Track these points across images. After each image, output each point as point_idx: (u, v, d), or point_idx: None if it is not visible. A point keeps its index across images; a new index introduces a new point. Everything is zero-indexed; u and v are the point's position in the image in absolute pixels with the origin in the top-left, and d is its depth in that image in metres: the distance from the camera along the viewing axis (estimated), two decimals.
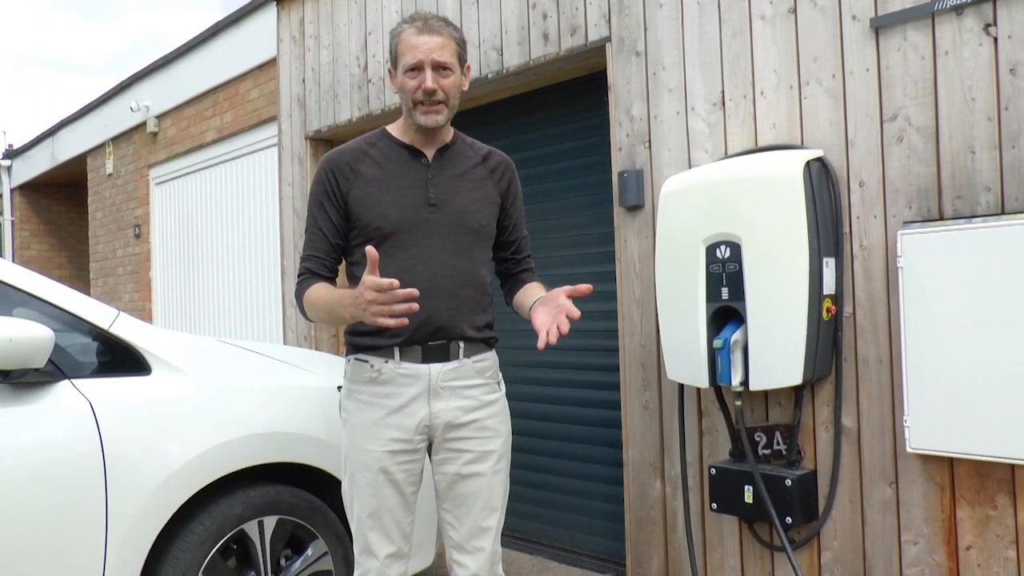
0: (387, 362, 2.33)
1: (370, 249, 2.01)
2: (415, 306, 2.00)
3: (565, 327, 2.12)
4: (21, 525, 2.39)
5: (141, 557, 2.59)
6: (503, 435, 2.44)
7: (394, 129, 2.46)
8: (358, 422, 2.35)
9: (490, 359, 2.45)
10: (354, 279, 2.40)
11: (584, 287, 2.17)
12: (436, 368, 2.33)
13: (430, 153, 2.42)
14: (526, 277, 2.57)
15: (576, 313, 2.12)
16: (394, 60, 2.39)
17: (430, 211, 2.35)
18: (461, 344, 2.35)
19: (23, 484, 2.40)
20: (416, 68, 2.32)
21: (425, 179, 2.38)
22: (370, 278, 1.99)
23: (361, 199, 2.34)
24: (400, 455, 2.32)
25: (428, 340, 2.31)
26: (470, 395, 2.37)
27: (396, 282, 1.98)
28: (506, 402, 2.50)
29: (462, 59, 2.39)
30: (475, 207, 2.41)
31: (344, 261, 2.46)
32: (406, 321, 2.03)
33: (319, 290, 2.31)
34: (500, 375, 2.50)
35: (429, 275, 2.32)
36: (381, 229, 2.32)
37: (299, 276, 2.40)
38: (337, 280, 2.43)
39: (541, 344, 2.10)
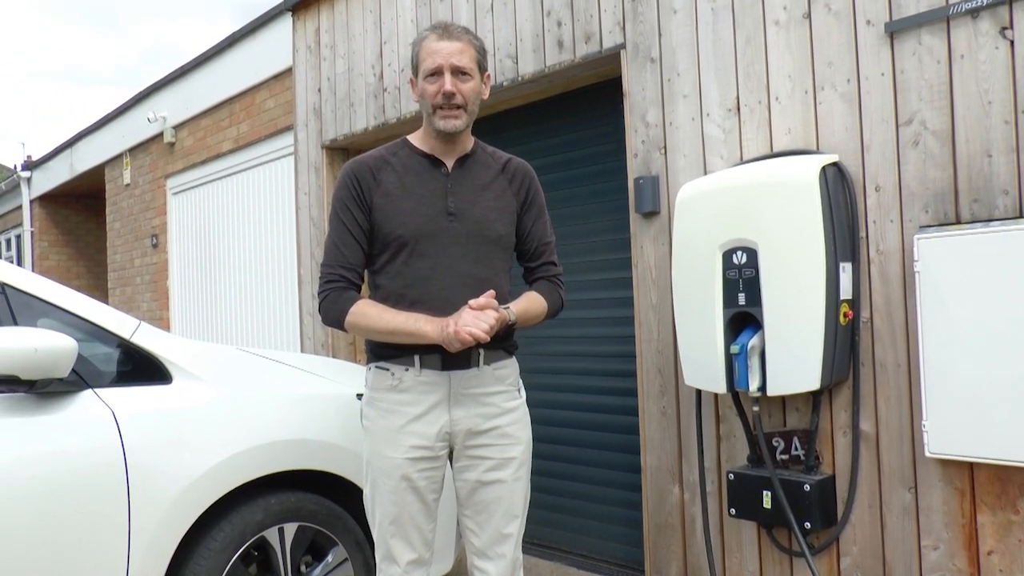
0: (407, 370, 2.34)
1: (491, 292, 2.27)
2: (485, 338, 2.19)
3: (467, 331, 2.18)
4: (46, 533, 2.41)
5: (163, 564, 2.62)
6: (524, 442, 2.45)
7: (415, 139, 2.48)
8: (379, 430, 2.37)
9: (510, 366, 2.46)
10: (376, 288, 2.42)
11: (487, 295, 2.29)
12: (456, 375, 2.35)
13: (450, 162, 2.43)
14: (535, 286, 2.57)
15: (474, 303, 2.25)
16: (415, 67, 2.41)
17: (449, 220, 2.37)
18: (481, 351, 2.37)
19: (47, 492, 2.42)
20: (436, 73, 2.34)
21: (444, 188, 2.40)
22: (486, 300, 2.25)
23: (382, 208, 2.36)
24: (421, 462, 2.34)
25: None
26: (490, 402, 2.39)
27: (494, 302, 2.26)
28: (527, 409, 2.51)
29: (482, 66, 2.41)
30: (493, 216, 2.42)
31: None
32: (487, 338, 2.19)
33: (375, 307, 2.34)
34: (520, 382, 2.51)
35: (448, 283, 2.34)
36: (401, 238, 2.34)
37: (331, 282, 2.38)
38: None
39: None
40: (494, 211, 2.43)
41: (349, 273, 2.38)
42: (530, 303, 2.46)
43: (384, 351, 2.38)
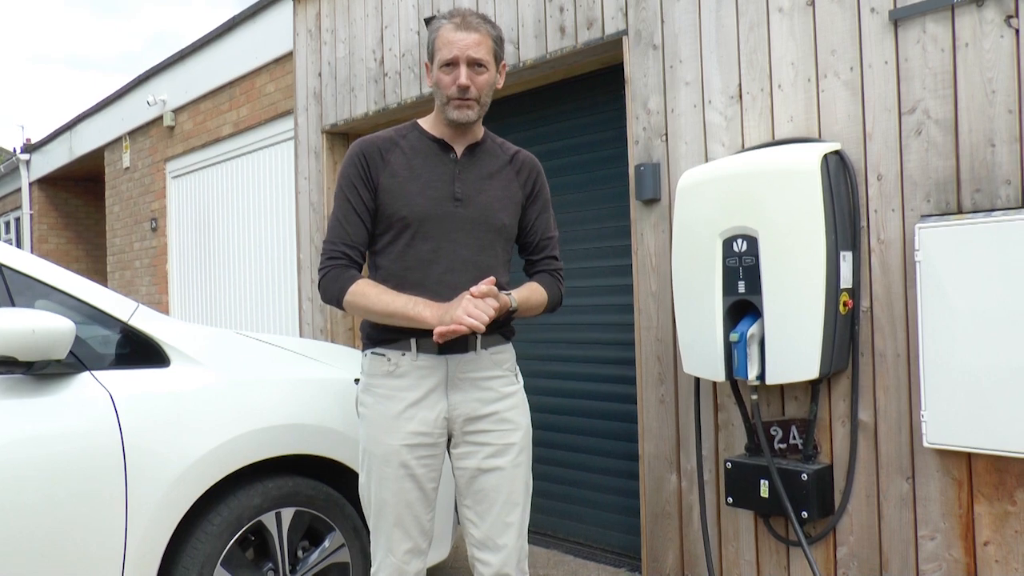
0: (404, 355, 2.33)
1: (491, 279, 2.23)
2: (482, 328, 2.16)
3: (463, 322, 2.17)
4: (42, 515, 2.41)
5: (160, 547, 2.62)
6: (523, 427, 2.44)
7: (425, 123, 2.46)
8: (376, 416, 2.36)
9: (507, 351, 2.45)
10: (377, 269, 2.40)
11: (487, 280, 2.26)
12: (454, 359, 2.34)
13: (459, 149, 2.42)
14: (535, 278, 2.55)
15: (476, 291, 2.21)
16: (431, 55, 2.39)
17: (455, 205, 2.35)
18: (478, 336, 2.36)
19: (44, 474, 2.42)
20: (451, 64, 2.32)
21: (452, 174, 2.38)
22: (487, 287, 2.20)
23: (388, 188, 2.34)
24: (420, 448, 2.32)
25: None
26: (488, 386, 2.38)
27: (496, 290, 2.22)
28: (525, 395, 2.50)
29: (498, 57, 2.39)
30: (499, 205, 2.41)
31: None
32: (482, 328, 2.16)
33: (375, 287, 2.31)
34: (518, 368, 2.51)
35: (449, 268, 2.33)
36: (405, 219, 2.33)
37: (333, 259, 2.36)
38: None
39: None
40: (499, 200, 2.42)
41: (351, 251, 2.37)
42: (531, 293, 2.45)
43: (380, 336, 2.36)
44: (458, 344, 2.32)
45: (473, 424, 2.37)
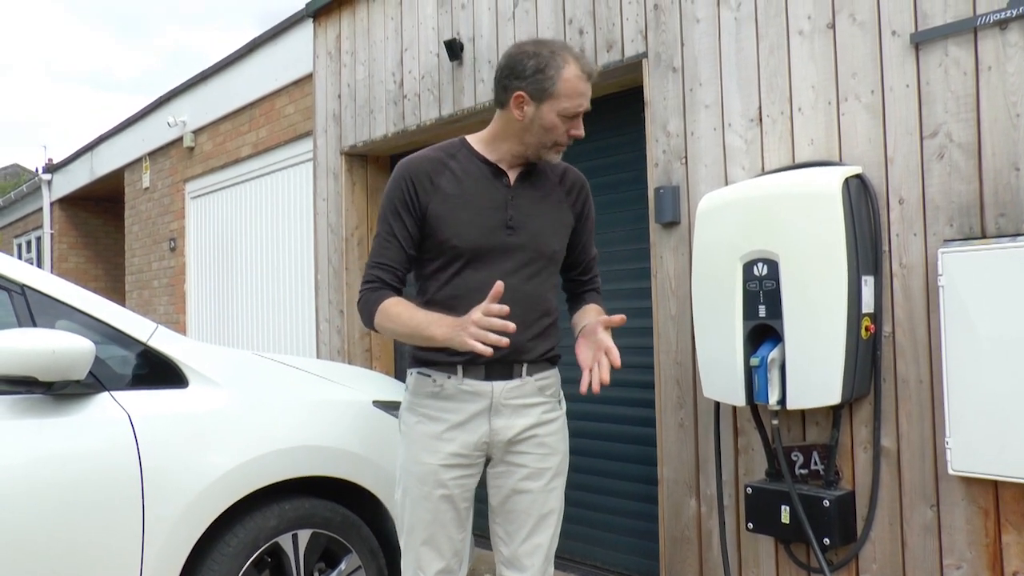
0: (450, 377, 2.31)
1: (499, 284, 2.05)
2: (505, 341, 2.05)
3: (606, 376, 2.15)
4: (59, 535, 2.41)
5: (177, 569, 2.61)
6: (560, 453, 2.43)
7: (476, 142, 2.39)
8: (417, 435, 2.34)
9: (552, 377, 2.43)
10: (423, 293, 2.37)
11: (618, 318, 2.21)
12: (499, 386, 2.31)
13: (512, 174, 2.37)
14: (588, 298, 2.55)
15: (617, 361, 2.16)
16: (542, 91, 2.25)
17: (507, 233, 2.32)
18: (524, 364, 2.33)
19: (62, 494, 2.43)
20: (575, 116, 2.31)
21: (505, 200, 2.34)
22: (486, 306, 2.04)
23: (439, 215, 2.29)
24: (456, 469, 2.31)
25: (492, 359, 2.21)
26: (530, 413, 2.36)
27: (505, 308, 2.03)
28: (566, 420, 2.48)
29: None
30: (550, 231, 2.39)
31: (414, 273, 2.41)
32: (490, 351, 2.03)
33: (399, 305, 2.27)
34: (561, 393, 2.48)
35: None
36: (456, 248, 2.29)
37: (367, 283, 2.33)
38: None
39: (583, 388, 2.16)
40: (551, 226, 2.39)
41: (385, 274, 2.32)
42: (599, 315, 2.43)
43: (426, 356, 2.33)
44: (504, 370, 2.30)
45: (512, 447, 2.35)
